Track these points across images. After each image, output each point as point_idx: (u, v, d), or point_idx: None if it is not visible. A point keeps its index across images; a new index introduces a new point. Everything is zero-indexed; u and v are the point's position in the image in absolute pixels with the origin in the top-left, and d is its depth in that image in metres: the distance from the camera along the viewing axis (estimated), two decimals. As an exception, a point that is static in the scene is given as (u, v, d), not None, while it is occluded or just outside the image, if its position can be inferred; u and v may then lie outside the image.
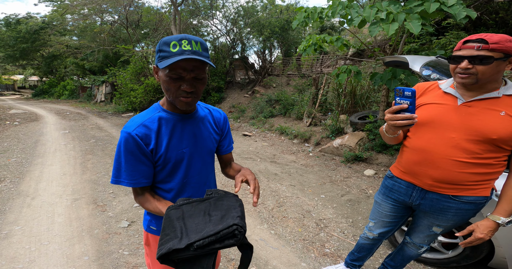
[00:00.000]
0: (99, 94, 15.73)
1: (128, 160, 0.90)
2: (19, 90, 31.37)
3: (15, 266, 1.95)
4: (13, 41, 16.93)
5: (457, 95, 1.18)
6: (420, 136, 1.25)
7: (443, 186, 1.21)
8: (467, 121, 1.13)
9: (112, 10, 12.45)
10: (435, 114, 1.20)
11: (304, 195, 3.34)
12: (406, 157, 1.32)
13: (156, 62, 0.87)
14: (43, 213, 2.76)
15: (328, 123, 5.89)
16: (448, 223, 1.30)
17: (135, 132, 0.90)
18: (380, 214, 1.52)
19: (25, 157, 4.76)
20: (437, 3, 2.94)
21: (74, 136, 6.60)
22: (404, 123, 1.05)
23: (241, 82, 10.84)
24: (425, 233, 1.41)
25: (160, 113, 0.96)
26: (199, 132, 1.03)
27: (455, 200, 1.22)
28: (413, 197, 1.33)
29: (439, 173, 1.19)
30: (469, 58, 1.06)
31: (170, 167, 0.97)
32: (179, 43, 0.82)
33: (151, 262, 1.17)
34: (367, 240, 1.65)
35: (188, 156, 1.00)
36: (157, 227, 1.08)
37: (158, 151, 0.94)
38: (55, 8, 14.41)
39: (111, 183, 0.93)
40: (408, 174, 1.32)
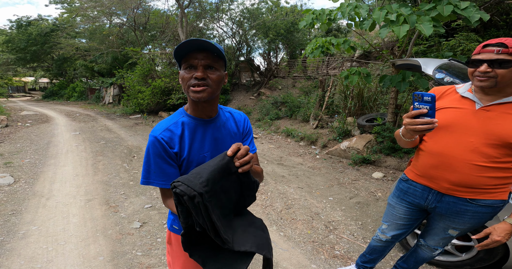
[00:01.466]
0: (107, 96, 15.98)
1: (156, 162, 0.95)
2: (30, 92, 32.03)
3: (34, 265, 2.02)
4: (24, 44, 17.29)
5: (475, 99, 1.18)
6: (437, 140, 1.25)
7: (460, 190, 1.21)
8: (486, 125, 1.13)
9: (120, 13, 12.67)
10: (453, 118, 1.21)
11: (312, 197, 3.36)
12: (423, 160, 1.32)
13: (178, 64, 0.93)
14: (58, 214, 2.84)
15: (335, 126, 5.89)
16: (465, 226, 1.30)
17: (161, 136, 0.95)
18: (394, 217, 1.52)
19: (38, 158, 4.88)
20: (450, 6, 2.93)
21: (85, 138, 6.73)
22: (424, 127, 1.06)
23: (246, 84, 10.91)
24: (440, 235, 1.41)
25: (184, 117, 1.01)
26: (220, 136, 1.06)
27: (472, 204, 1.22)
28: (429, 200, 1.33)
29: (457, 177, 1.20)
30: (488, 61, 1.08)
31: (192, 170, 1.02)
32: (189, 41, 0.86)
33: (172, 261, 1.22)
34: (379, 242, 1.65)
35: (210, 159, 1.03)
36: (179, 227, 1.12)
37: (181, 154, 0.98)
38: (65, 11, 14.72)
39: (141, 184, 0.97)
40: (424, 177, 1.33)
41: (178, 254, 1.18)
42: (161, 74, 10.49)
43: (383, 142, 4.91)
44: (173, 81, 9.82)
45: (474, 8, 2.92)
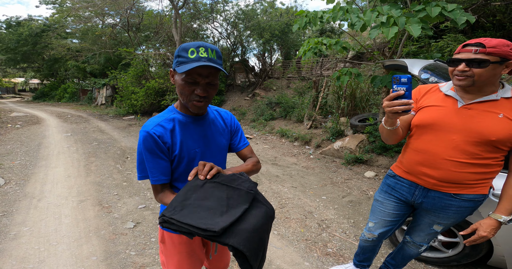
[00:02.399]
0: (99, 97, 15.80)
1: (147, 157, 0.97)
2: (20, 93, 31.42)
3: (26, 266, 2.00)
4: (15, 44, 16.98)
5: (457, 98, 1.22)
6: (422, 137, 1.29)
7: (445, 185, 1.26)
8: (468, 123, 1.17)
9: (113, 13, 12.56)
10: (436, 116, 1.24)
11: (306, 197, 3.40)
12: (409, 157, 1.37)
13: (174, 66, 0.94)
14: (50, 215, 2.81)
15: (329, 126, 5.96)
16: (449, 220, 1.34)
17: (153, 130, 0.96)
18: (383, 213, 1.53)
19: (29, 160, 4.81)
20: (438, 8, 3.02)
21: (77, 139, 6.65)
22: (401, 108, 1.08)
23: (241, 85, 10.93)
24: (425, 231, 1.44)
25: (174, 114, 1.03)
26: (210, 133, 1.10)
27: (456, 198, 1.27)
28: (416, 196, 1.37)
29: (440, 173, 1.24)
30: (466, 61, 1.11)
31: (183, 166, 1.04)
32: (196, 50, 0.89)
33: (165, 260, 1.22)
34: (367, 242, 1.67)
35: (200, 155, 1.07)
36: None
37: (173, 149, 1.00)
38: (56, 11, 14.53)
39: (138, 179, 1.00)
40: (410, 174, 1.37)
41: (172, 252, 1.19)
42: (155, 75, 10.42)
43: (375, 142, 4.99)
44: (167, 82, 9.78)
45: (461, 11, 3.02)
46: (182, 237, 1.16)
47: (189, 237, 0.77)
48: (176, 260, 1.19)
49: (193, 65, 0.86)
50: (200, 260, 1.27)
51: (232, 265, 2.08)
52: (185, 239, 1.16)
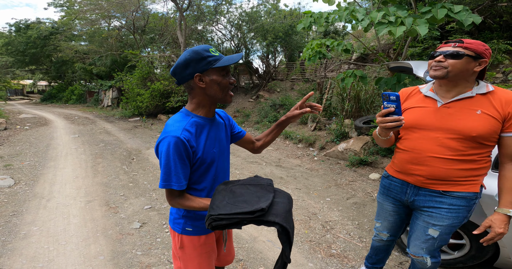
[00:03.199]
0: (106, 98, 16.01)
1: (176, 163, 0.96)
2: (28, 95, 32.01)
3: (36, 265, 2.05)
4: (23, 46, 17.34)
5: (436, 98, 1.29)
6: (408, 137, 1.36)
7: (433, 182, 1.29)
8: (448, 121, 1.23)
9: (119, 16, 12.75)
10: (419, 116, 1.31)
11: (310, 198, 3.41)
12: (399, 156, 1.42)
13: (205, 67, 0.98)
14: (58, 214, 2.87)
15: (333, 128, 5.96)
16: (444, 222, 1.31)
17: (183, 135, 0.96)
18: (384, 214, 1.57)
19: (38, 161, 4.91)
20: (444, 9, 3.03)
21: (84, 140, 6.76)
22: (392, 125, 1.14)
23: (245, 86, 10.98)
24: (421, 238, 1.38)
25: (193, 118, 1.05)
26: (219, 134, 1.15)
27: (446, 196, 1.29)
28: (408, 194, 1.40)
29: (428, 170, 1.29)
30: (444, 52, 1.20)
31: (204, 167, 1.07)
32: (214, 50, 1.02)
33: (183, 265, 1.20)
34: (380, 242, 1.67)
35: (217, 156, 1.11)
36: (193, 228, 1.14)
37: (197, 153, 1.02)
38: (64, 14, 14.79)
39: (159, 187, 1.02)
40: (401, 172, 1.41)
41: (193, 255, 1.18)
42: (160, 77, 10.53)
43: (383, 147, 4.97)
44: (172, 84, 9.87)
45: (467, 12, 3.01)
46: (201, 238, 1.17)
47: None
48: (196, 263, 1.19)
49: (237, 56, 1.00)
50: (215, 258, 1.29)
51: (236, 265, 2.10)
52: (204, 240, 1.18)
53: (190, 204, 1.01)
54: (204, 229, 1.17)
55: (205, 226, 1.16)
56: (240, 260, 2.16)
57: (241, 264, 2.12)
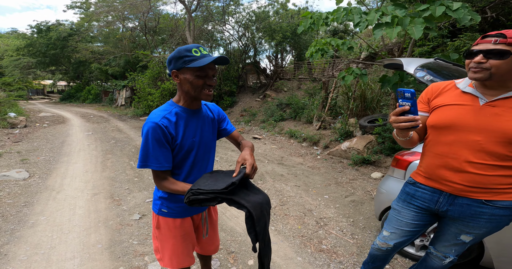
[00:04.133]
0: (119, 98, 16.53)
1: (154, 146, 1.07)
2: (48, 95, 33.46)
3: (38, 251, 2.19)
4: (44, 48, 18.14)
5: (478, 95, 1.12)
6: (441, 140, 1.19)
7: (474, 190, 1.14)
8: (493, 122, 1.06)
9: (132, 17, 13.17)
10: (456, 116, 1.14)
11: (308, 195, 3.43)
12: (428, 161, 1.26)
13: (180, 65, 1.06)
14: (66, 206, 3.05)
15: (337, 127, 5.92)
16: (481, 230, 1.20)
17: (161, 122, 1.07)
18: (400, 223, 1.39)
19: (53, 156, 5.18)
20: (442, 7, 2.97)
21: (97, 138, 7.05)
22: (406, 125, 1.05)
23: (253, 86, 11.05)
24: (451, 241, 1.30)
25: (175, 108, 1.15)
26: (203, 124, 1.23)
27: (488, 205, 1.14)
28: (440, 203, 1.24)
29: (466, 177, 1.14)
30: (484, 52, 1.03)
31: (183, 153, 1.16)
32: (198, 49, 1.07)
33: (160, 245, 1.31)
34: (379, 251, 1.52)
35: (197, 144, 1.19)
36: (168, 210, 1.24)
37: (176, 139, 1.12)
38: (83, 16, 15.41)
39: (137, 168, 1.12)
40: (433, 180, 1.25)
41: (167, 236, 1.29)
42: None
43: (384, 143, 4.91)
44: (181, 83, 10.08)
45: (466, 9, 2.95)
46: (176, 221, 1.27)
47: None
48: (171, 244, 1.29)
49: (208, 60, 1.02)
50: (192, 243, 1.37)
51: (228, 257, 2.17)
52: (179, 223, 1.28)
53: (173, 187, 1.10)
54: (180, 212, 1.26)
55: (180, 209, 1.25)
56: (232, 252, 2.23)
57: (232, 255, 2.19)
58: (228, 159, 5.16)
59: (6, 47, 22.55)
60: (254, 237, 1.02)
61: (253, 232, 1.01)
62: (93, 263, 2.03)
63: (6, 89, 15.36)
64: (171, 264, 1.30)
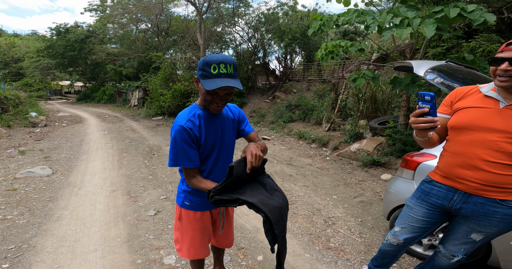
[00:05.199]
0: (133, 98, 16.99)
1: (182, 146, 1.18)
2: (66, 95, 34.68)
3: (63, 244, 2.35)
4: (63, 49, 18.83)
5: (499, 98, 1.16)
6: (460, 140, 1.23)
7: (489, 189, 1.18)
8: (510, 124, 1.11)
9: (146, 19, 13.54)
10: (475, 117, 1.19)
11: (317, 195, 3.50)
12: (446, 161, 1.30)
13: (199, 76, 1.15)
14: (87, 201, 3.24)
15: (347, 128, 5.94)
16: (492, 229, 1.24)
17: (186, 125, 1.18)
18: (411, 219, 1.45)
19: (73, 154, 5.45)
20: (457, 9, 2.97)
21: (112, 137, 7.33)
22: (425, 126, 1.11)
23: (262, 87, 11.16)
24: (461, 240, 1.33)
25: (198, 111, 1.26)
26: (224, 125, 1.34)
27: (502, 205, 1.17)
28: (454, 201, 1.28)
29: (482, 175, 1.17)
30: (510, 60, 1.05)
31: (206, 152, 1.28)
32: (218, 66, 1.09)
33: (180, 236, 1.44)
34: (390, 246, 1.56)
35: (219, 143, 1.31)
36: (190, 203, 1.36)
37: (200, 139, 1.24)
38: (98, 18, 15.95)
39: (169, 166, 1.21)
40: (449, 178, 1.29)
41: (187, 228, 1.41)
42: (181, 78, 11.03)
43: (394, 145, 4.90)
44: (192, 85, 10.31)
45: (481, 11, 2.94)
46: (197, 214, 1.39)
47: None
48: (190, 235, 1.42)
49: (216, 86, 1.07)
50: (209, 236, 1.49)
51: (238, 252, 2.28)
52: (199, 216, 1.40)
53: (201, 185, 1.21)
54: (201, 206, 1.37)
55: (201, 203, 1.37)
56: (242, 248, 2.33)
57: (242, 251, 2.29)
58: (239, 159, 5.28)
59: (27, 49, 23.58)
60: (272, 240, 1.06)
61: (271, 234, 1.06)
62: (113, 256, 2.18)
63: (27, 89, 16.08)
64: (188, 255, 1.42)
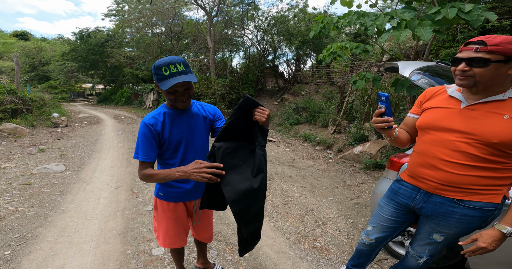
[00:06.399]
0: (147, 100, 17.57)
1: (142, 141, 1.30)
2: (88, 97, 36.40)
3: (63, 234, 2.52)
4: (85, 53, 19.81)
5: (461, 99, 1.17)
6: (423, 139, 1.26)
7: (448, 189, 1.18)
8: (468, 124, 1.11)
9: (160, 23, 14.06)
10: (437, 117, 1.21)
11: (312, 196, 3.52)
12: (412, 160, 1.33)
13: (155, 80, 1.25)
14: (92, 196, 3.44)
15: (352, 131, 5.88)
16: (451, 230, 1.24)
17: (148, 121, 1.30)
18: (381, 218, 1.48)
19: (87, 152, 5.77)
20: (455, 9, 2.92)
21: (125, 137, 7.66)
22: (381, 125, 1.17)
23: (271, 90, 11.22)
24: (425, 240, 1.35)
25: (165, 109, 1.38)
26: (193, 122, 1.43)
27: (460, 205, 1.18)
28: (416, 200, 1.30)
29: (441, 175, 1.18)
30: (466, 60, 1.06)
31: (173, 147, 1.38)
32: (168, 67, 1.18)
33: (157, 224, 1.55)
34: (364, 246, 1.61)
35: (186, 140, 1.40)
36: (163, 194, 1.47)
37: (163, 135, 1.34)
38: (118, 22, 16.72)
39: (133, 158, 1.33)
40: (414, 177, 1.31)
41: (162, 217, 1.53)
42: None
43: (398, 148, 4.81)
44: (202, 87, 10.56)
45: (479, 10, 2.87)
46: (170, 204, 1.49)
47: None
48: (164, 225, 1.53)
49: (171, 84, 1.17)
50: (185, 227, 1.59)
51: (226, 248, 2.36)
52: (172, 207, 1.50)
53: (149, 172, 1.29)
54: (173, 197, 1.48)
55: (173, 194, 1.47)
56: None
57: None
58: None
59: (53, 53, 25.06)
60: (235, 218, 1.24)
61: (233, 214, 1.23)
62: (106, 246, 2.33)
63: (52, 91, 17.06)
64: (163, 243, 1.53)
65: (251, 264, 2.13)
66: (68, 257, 2.15)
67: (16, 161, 4.81)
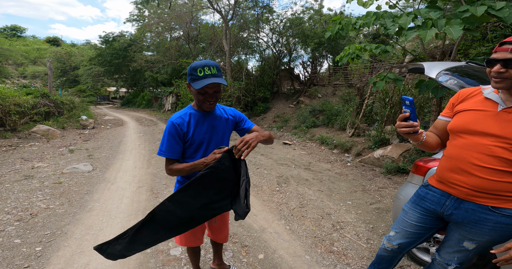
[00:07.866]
0: (167, 103, 18.14)
1: (169, 139, 1.38)
2: (112, 100, 38.17)
3: (89, 232, 2.66)
4: (110, 57, 20.68)
5: (499, 101, 1.11)
6: (454, 143, 1.21)
7: (481, 195, 1.13)
8: (505, 128, 1.05)
9: (178, 27, 14.52)
10: (471, 120, 1.15)
11: (330, 200, 3.47)
12: (441, 165, 1.27)
13: (189, 80, 1.35)
14: (116, 195, 3.61)
15: (372, 134, 5.73)
16: (484, 238, 1.17)
17: (175, 121, 1.38)
18: (405, 224, 1.42)
19: (111, 153, 6.06)
20: (484, 7, 2.80)
21: (146, 139, 7.96)
22: (406, 130, 1.11)
23: (286, 92, 11.18)
24: (454, 248, 1.27)
25: (190, 110, 1.45)
26: (216, 124, 1.50)
27: (494, 212, 1.12)
28: (446, 207, 1.24)
29: (474, 181, 1.13)
30: (502, 61, 1.01)
31: (194, 146, 1.45)
32: (203, 69, 1.28)
33: None
34: (385, 251, 1.53)
35: (207, 140, 1.47)
36: None
37: (187, 134, 1.42)
38: (139, 27, 17.44)
39: (157, 154, 1.41)
40: (442, 183, 1.26)
41: None
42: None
43: (423, 152, 4.62)
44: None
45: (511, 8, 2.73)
46: None
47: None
48: None
49: (204, 84, 1.26)
50: (201, 226, 1.65)
51: (241, 250, 2.39)
52: None
53: (175, 167, 1.38)
54: None
55: None
56: (245, 246, 2.44)
57: (245, 249, 2.40)
58: (257, 162, 5.40)
59: (82, 58, 26.53)
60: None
61: None
62: (130, 243, 2.43)
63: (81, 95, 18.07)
64: (180, 241, 1.60)
65: (266, 267, 2.14)
66: (93, 254, 2.27)
67: (48, 161, 5.15)
